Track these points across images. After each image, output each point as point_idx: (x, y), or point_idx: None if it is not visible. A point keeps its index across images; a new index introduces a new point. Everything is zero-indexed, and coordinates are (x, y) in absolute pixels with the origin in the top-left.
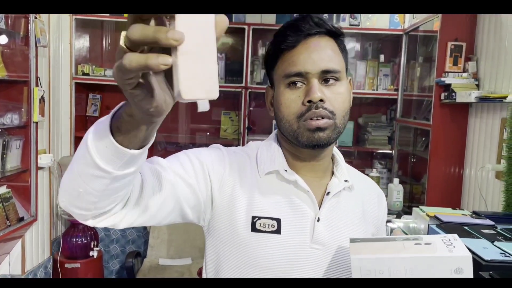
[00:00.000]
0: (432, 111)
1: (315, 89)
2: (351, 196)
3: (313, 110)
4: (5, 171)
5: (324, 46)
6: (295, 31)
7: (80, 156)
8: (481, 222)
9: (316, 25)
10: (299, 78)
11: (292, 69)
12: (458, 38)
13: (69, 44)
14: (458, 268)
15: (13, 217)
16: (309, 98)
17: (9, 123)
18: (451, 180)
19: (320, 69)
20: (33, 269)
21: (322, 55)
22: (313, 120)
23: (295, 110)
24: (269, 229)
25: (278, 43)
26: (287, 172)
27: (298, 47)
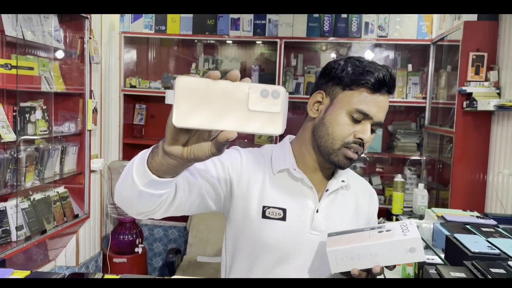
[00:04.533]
0: (455, 118)
1: (369, 133)
2: (347, 194)
3: (357, 145)
4: (63, 174)
5: (387, 104)
6: (380, 79)
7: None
8: (484, 222)
9: (392, 83)
10: (362, 117)
11: (363, 108)
12: (480, 49)
13: (118, 59)
14: (412, 248)
15: (69, 214)
16: (362, 137)
17: (67, 131)
18: (475, 186)
19: (378, 121)
20: (86, 262)
21: (384, 111)
22: (352, 152)
23: (345, 136)
24: (276, 216)
25: (364, 78)
26: (296, 171)
27: (377, 94)
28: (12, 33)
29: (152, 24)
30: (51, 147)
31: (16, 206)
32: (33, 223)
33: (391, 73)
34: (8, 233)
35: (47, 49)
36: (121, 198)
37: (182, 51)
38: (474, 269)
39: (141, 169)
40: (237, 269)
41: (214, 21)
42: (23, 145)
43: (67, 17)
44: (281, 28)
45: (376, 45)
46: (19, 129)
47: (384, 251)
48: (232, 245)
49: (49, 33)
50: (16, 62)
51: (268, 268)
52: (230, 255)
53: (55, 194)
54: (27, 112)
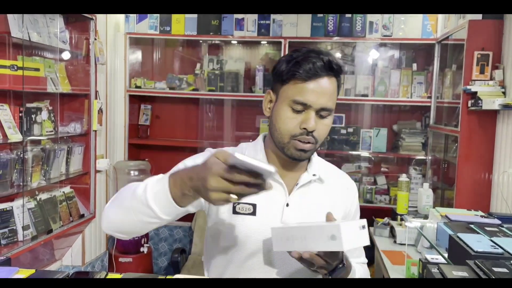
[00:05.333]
0: (460, 118)
1: (312, 121)
2: (321, 188)
3: (304, 136)
4: (69, 174)
5: (328, 87)
6: (309, 66)
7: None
8: (488, 221)
9: (328, 65)
10: (302, 107)
11: (299, 98)
12: (485, 48)
13: (123, 60)
14: (333, 236)
15: (75, 214)
16: (305, 126)
17: (73, 131)
18: (480, 185)
19: (320, 106)
20: (92, 261)
21: (325, 95)
22: (301, 143)
23: (291, 128)
24: (246, 212)
25: (294, 69)
26: None
27: (309, 81)
28: (18, 35)
29: (157, 25)
30: (57, 148)
31: (23, 206)
32: (39, 223)
33: (325, 56)
34: (14, 232)
35: (53, 50)
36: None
37: (186, 51)
38: (477, 268)
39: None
40: (215, 264)
41: (218, 22)
42: (29, 146)
43: (73, 18)
44: (286, 28)
45: (381, 45)
46: (26, 129)
47: (311, 235)
48: (210, 241)
49: (55, 35)
50: (22, 63)
51: (242, 261)
52: (209, 250)
53: (61, 194)
54: (33, 112)
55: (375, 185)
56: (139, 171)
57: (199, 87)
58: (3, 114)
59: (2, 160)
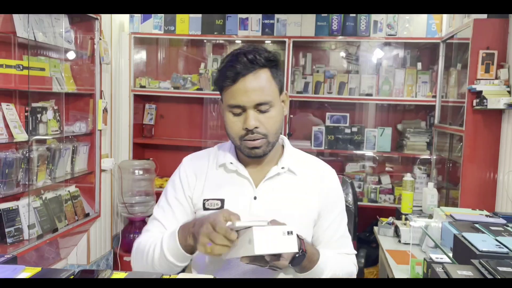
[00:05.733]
0: (465, 117)
1: (250, 120)
2: (293, 180)
3: (249, 134)
4: (74, 173)
5: (257, 83)
6: (232, 71)
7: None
8: (493, 220)
9: (250, 62)
10: (238, 109)
11: (232, 102)
12: (489, 47)
13: (128, 60)
14: (250, 239)
15: (80, 213)
16: (245, 126)
17: (78, 131)
18: (485, 185)
19: (255, 103)
20: (97, 260)
21: (255, 91)
22: (250, 141)
23: (236, 131)
24: (214, 207)
25: (221, 79)
26: (232, 164)
27: (237, 83)
28: (23, 35)
29: (161, 25)
30: (63, 147)
31: (28, 205)
32: (44, 222)
33: (248, 54)
34: (20, 231)
35: (58, 50)
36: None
37: (191, 51)
38: (482, 267)
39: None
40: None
41: (222, 21)
42: (35, 145)
43: (78, 18)
44: (290, 27)
45: (385, 44)
46: (31, 129)
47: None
48: None
49: (60, 35)
50: (28, 63)
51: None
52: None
53: (67, 193)
54: (38, 112)
55: (379, 185)
56: (143, 170)
57: (203, 86)
58: (9, 114)
59: (8, 160)
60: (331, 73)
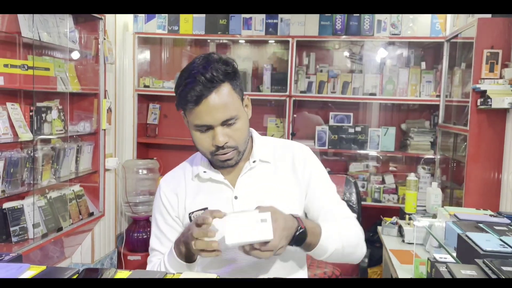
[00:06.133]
0: (469, 116)
1: (219, 137)
2: (267, 169)
3: (220, 150)
4: (79, 172)
5: (219, 100)
6: (191, 95)
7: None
8: (497, 220)
9: (209, 82)
10: (205, 127)
11: (198, 123)
12: (494, 46)
13: (132, 59)
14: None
15: (85, 212)
16: (215, 143)
17: (82, 130)
18: (489, 184)
19: (221, 121)
20: (101, 259)
21: (219, 109)
22: (221, 155)
23: (206, 148)
24: None
25: (181, 103)
26: (205, 173)
27: (199, 105)
28: (28, 35)
29: (165, 25)
30: (67, 146)
31: (33, 204)
32: (49, 221)
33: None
34: (25, 230)
35: (62, 50)
36: None
37: (194, 50)
38: (486, 267)
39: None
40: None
41: (226, 21)
42: (39, 144)
43: (82, 18)
44: (293, 27)
45: (389, 43)
46: (36, 128)
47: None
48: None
49: (65, 34)
50: (33, 63)
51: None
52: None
53: (71, 192)
54: (43, 112)
55: (383, 184)
56: (147, 169)
57: None
58: (14, 113)
59: (13, 159)
60: (334, 73)
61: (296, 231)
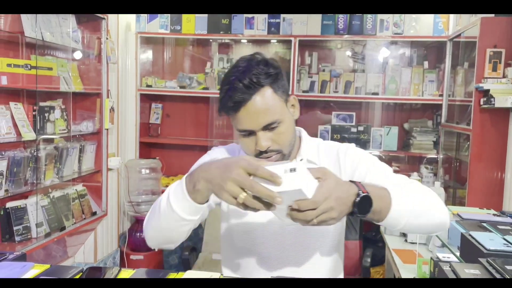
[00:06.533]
0: (472, 116)
1: (261, 141)
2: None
3: (263, 154)
4: (81, 172)
5: (261, 105)
6: (231, 101)
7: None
8: (500, 219)
9: (247, 88)
10: (247, 132)
11: (240, 128)
12: (497, 45)
13: (134, 59)
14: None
15: (88, 212)
16: (258, 148)
17: (85, 130)
18: (492, 184)
19: (262, 126)
20: (104, 258)
21: (260, 114)
22: (265, 159)
23: (250, 152)
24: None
25: (222, 108)
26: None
27: (239, 112)
28: (31, 34)
29: (167, 24)
30: (70, 146)
31: (36, 204)
32: (52, 220)
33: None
34: (28, 229)
35: (65, 49)
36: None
37: (197, 50)
38: (489, 266)
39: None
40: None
41: (228, 21)
42: (42, 144)
43: (85, 18)
44: (295, 26)
45: (392, 43)
46: (39, 128)
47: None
48: (224, 235)
49: (67, 34)
50: (36, 62)
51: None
52: (225, 244)
53: (74, 191)
54: (46, 111)
55: None
56: (150, 169)
57: (209, 85)
58: (17, 113)
59: (16, 158)
60: (337, 72)
61: (356, 197)
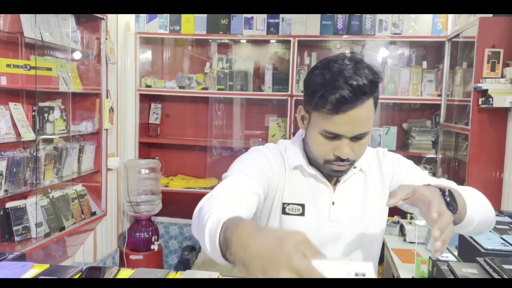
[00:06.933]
0: (470, 116)
1: (346, 149)
2: (362, 178)
3: (339, 162)
4: (81, 172)
5: (362, 115)
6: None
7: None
8: (498, 219)
9: (361, 91)
10: (335, 136)
11: (331, 130)
12: (495, 45)
13: (134, 59)
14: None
15: (87, 212)
16: (337, 154)
17: (84, 130)
18: (491, 183)
19: (354, 134)
20: (103, 259)
21: (358, 123)
22: (337, 166)
23: (323, 154)
24: (295, 212)
25: (322, 103)
26: (309, 168)
27: (340, 114)
28: (31, 35)
29: (166, 25)
30: (69, 146)
31: (36, 204)
32: (52, 220)
33: (358, 79)
34: (28, 229)
35: (64, 50)
36: None
37: (196, 50)
38: (487, 265)
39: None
40: None
41: (227, 21)
42: (42, 144)
43: (84, 18)
44: (295, 26)
45: (391, 43)
46: (38, 128)
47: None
48: None
49: (67, 34)
50: (35, 63)
51: None
52: None
53: (73, 192)
54: (45, 111)
55: None
56: (149, 169)
57: (209, 86)
58: (17, 113)
59: (15, 159)
60: None
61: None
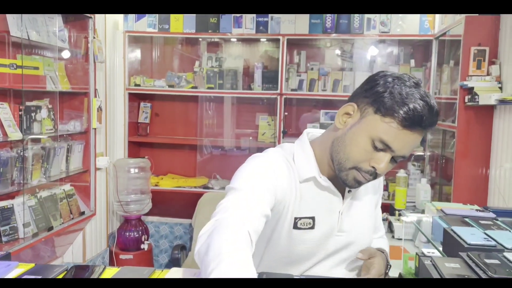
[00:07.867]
0: (457, 113)
1: (384, 166)
2: (362, 187)
3: (368, 173)
4: (69, 171)
5: (416, 141)
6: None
7: None
8: (482, 215)
9: (432, 121)
10: (385, 148)
11: (387, 141)
12: (481, 43)
13: (122, 58)
14: None
15: (76, 211)
16: (376, 166)
17: (72, 129)
18: (477, 180)
19: (401, 154)
20: (92, 258)
21: (411, 146)
22: (362, 177)
23: (359, 160)
24: (306, 226)
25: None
26: (322, 179)
27: (405, 129)
28: (17, 34)
29: (155, 23)
30: (57, 146)
31: (23, 204)
32: (40, 220)
33: (432, 110)
34: (15, 230)
35: (52, 49)
36: None
37: (185, 49)
38: (469, 260)
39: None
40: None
41: (217, 19)
42: (29, 144)
43: (72, 17)
44: (284, 25)
45: (380, 41)
46: (25, 128)
47: None
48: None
49: (54, 33)
50: (22, 62)
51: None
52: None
53: (62, 191)
54: (33, 111)
55: None
56: (139, 168)
57: (198, 84)
58: (3, 113)
59: (2, 158)
60: (325, 71)
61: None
